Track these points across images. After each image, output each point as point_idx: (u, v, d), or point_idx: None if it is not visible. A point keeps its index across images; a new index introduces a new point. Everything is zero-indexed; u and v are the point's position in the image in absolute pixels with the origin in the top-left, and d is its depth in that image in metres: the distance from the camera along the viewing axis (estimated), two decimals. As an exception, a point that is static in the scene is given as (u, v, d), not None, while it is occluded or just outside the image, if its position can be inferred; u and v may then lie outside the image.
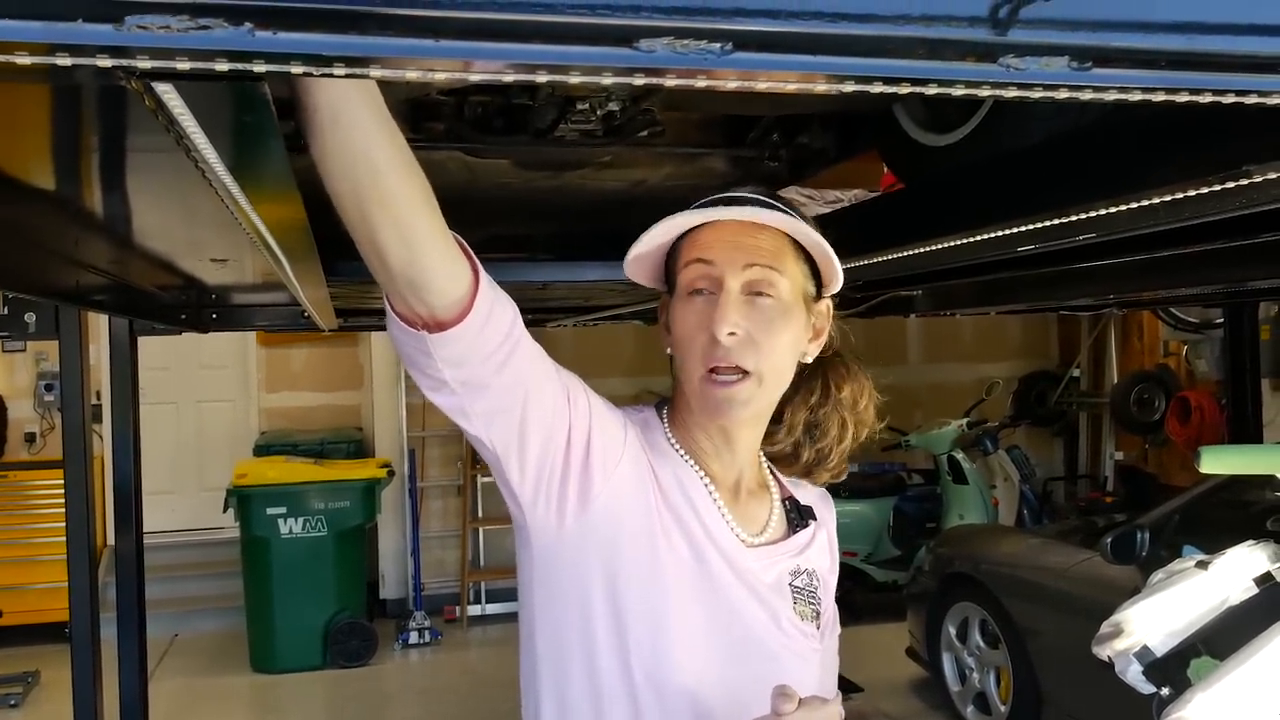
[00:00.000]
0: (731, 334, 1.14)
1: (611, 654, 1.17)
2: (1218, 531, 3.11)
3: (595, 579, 1.17)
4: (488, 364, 1.04)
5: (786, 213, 1.16)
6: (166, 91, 0.62)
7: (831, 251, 1.18)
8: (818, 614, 1.27)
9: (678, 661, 1.16)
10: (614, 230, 3.22)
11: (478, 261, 1.03)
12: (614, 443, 1.18)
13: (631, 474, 1.18)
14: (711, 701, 1.16)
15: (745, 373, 1.15)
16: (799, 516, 1.30)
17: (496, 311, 1.04)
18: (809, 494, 1.36)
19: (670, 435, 1.26)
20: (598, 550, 1.17)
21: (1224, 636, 1.97)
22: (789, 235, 1.18)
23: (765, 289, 1.16)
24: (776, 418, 1.28)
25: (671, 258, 1.25)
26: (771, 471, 1.33)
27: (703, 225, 1.20)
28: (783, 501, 1.31)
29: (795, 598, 1.24)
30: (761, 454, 1.32)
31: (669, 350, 1.25)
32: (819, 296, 1.24)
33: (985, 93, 0.62)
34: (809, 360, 1.26)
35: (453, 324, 1.00)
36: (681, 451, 1.25)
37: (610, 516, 1.16)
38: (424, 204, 0.97)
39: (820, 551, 1.32)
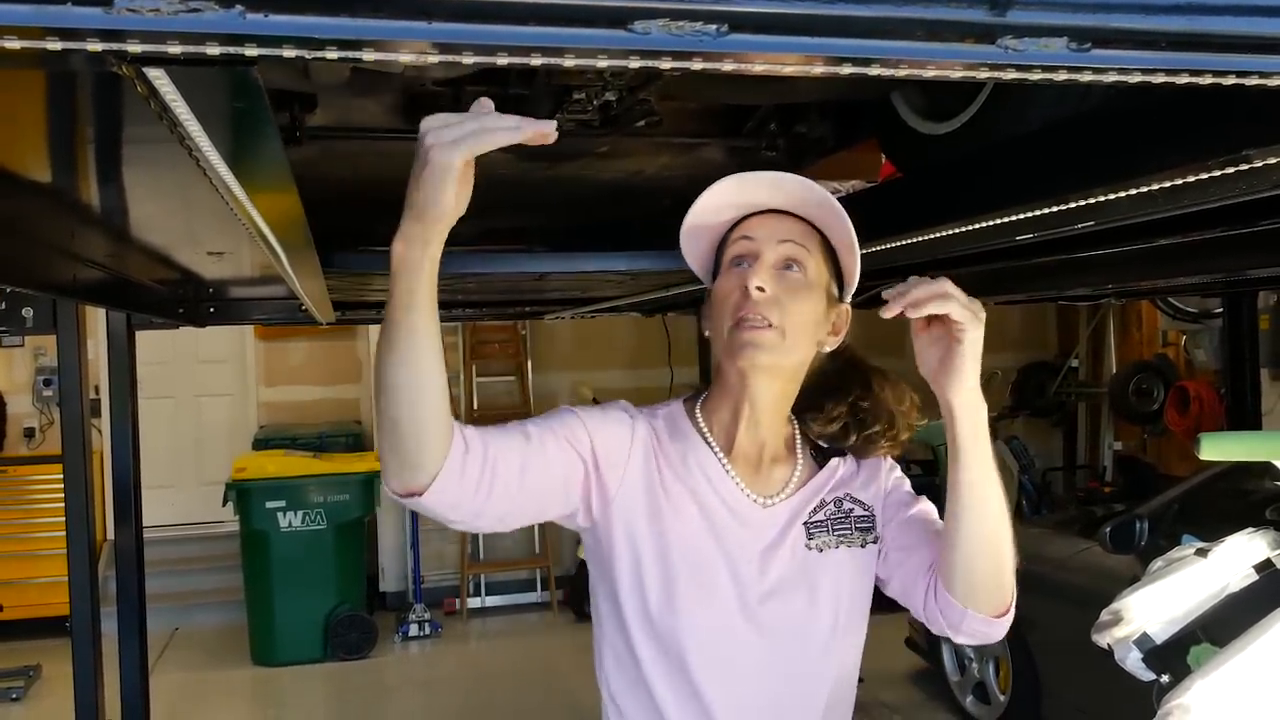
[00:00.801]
0: (760, 289, 1.29)
1: (637, 613, 1.33)
2: (1216, 521, 3.11)
3: (622, 550, 1.34)
4: (475, 500, 1.21)
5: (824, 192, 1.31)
6: (158, 77, 0.62)
7: (857, 248, 1.35)
8: (859, 530, 1.39)
9: (690, 613, 1.31)
10: (611, 221, 3.23)
11: (459, 440, 1.20)
12: (619, 449, 1.34)
13: (639, 467, 1.34)
14: (731, 647, 1.32)
15: (770, 324, 1.29)
16: (822, 456, 1.43)
17: (467, 474, 1.19)
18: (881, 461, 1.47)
19: (699, 418, 1.41)
20: (621, 529, 1.34)
21: (1224, 624, 1.97)
22: (821, 234, 1.35)
23: (795, 264, 1.32)
24: (818, 408, 1.42)
25: (720, 250, 1.40)
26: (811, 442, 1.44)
27: (748, 216, 1.37)
28: (810, 453, 1.43)
29: (811, 533, 1.36)
30: (796, 424, 1.44)
31: (708, 333, 1.40)
32: (840, 299, 1.39)
33: (984, 74, 0.61)
34: (826, 350, 1.38)
35: (429, 487, 1.17)
36: (705, 431, 1.40)
37: (626, 505, 1.33)
38: (434, 401, 1.19)
39: (847, 479, 1.42)
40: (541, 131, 0.98)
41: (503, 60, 0.55)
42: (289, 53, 0.52)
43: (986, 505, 1.26)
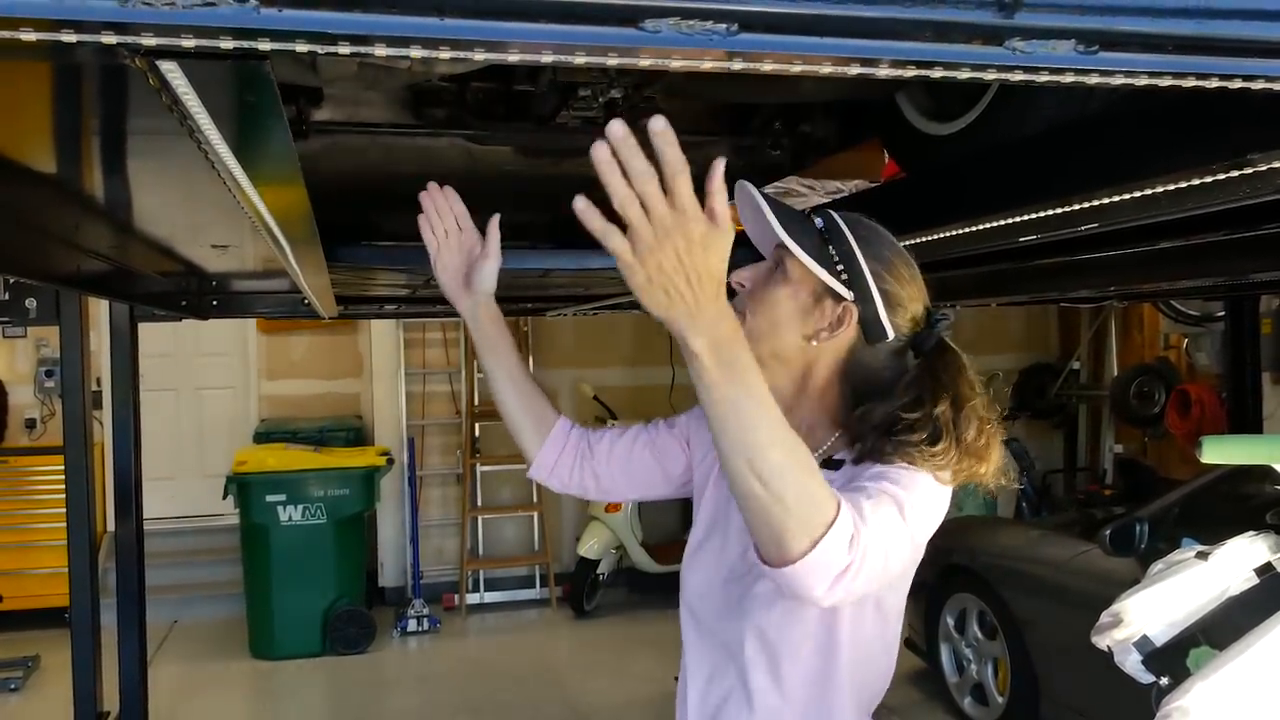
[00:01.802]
0: (740, 284, 1.49)
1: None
2: (1217, 524, 3.11)
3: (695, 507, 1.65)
4: (573, 478, 1.73)
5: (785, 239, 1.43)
6: (170, 70, 0.62)
7: (805, 257, 1.42)
8: None
9: (688, 586, 1.58)
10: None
11: (557, 425, 1.73)
12: (707, 441, 1.52)
13: (698, 450, 1.67)
14: (707, 607, 1.53)
15: (742, 314, 1.42)
16: (826, 468, 1.44)
17: (565, 452, 1.72)
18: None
19: None
20: (695, 505, 1.64)
21: (1224, 626, 1.97)
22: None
23: (780, 264, 1.47)
24: (851, 408, 1.45)
25: None
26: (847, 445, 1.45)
27: None
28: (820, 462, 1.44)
29: None
30: (825, 435, 1.48)
31: None
32: (840, 298, 1.43)
33: (991, 76, 0.61)
34: (817, 344, 1.44)
35: (531, 468, 1.76)
36: None
37: (698, 488, 1.65)
38: (518, 410, 1.75)
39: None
40: None
41: (514, 57, 0.55)
42: (302, 47, 0.52)
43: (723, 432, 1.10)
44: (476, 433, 7.48)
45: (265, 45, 0.53)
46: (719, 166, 1.07)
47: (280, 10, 0.50)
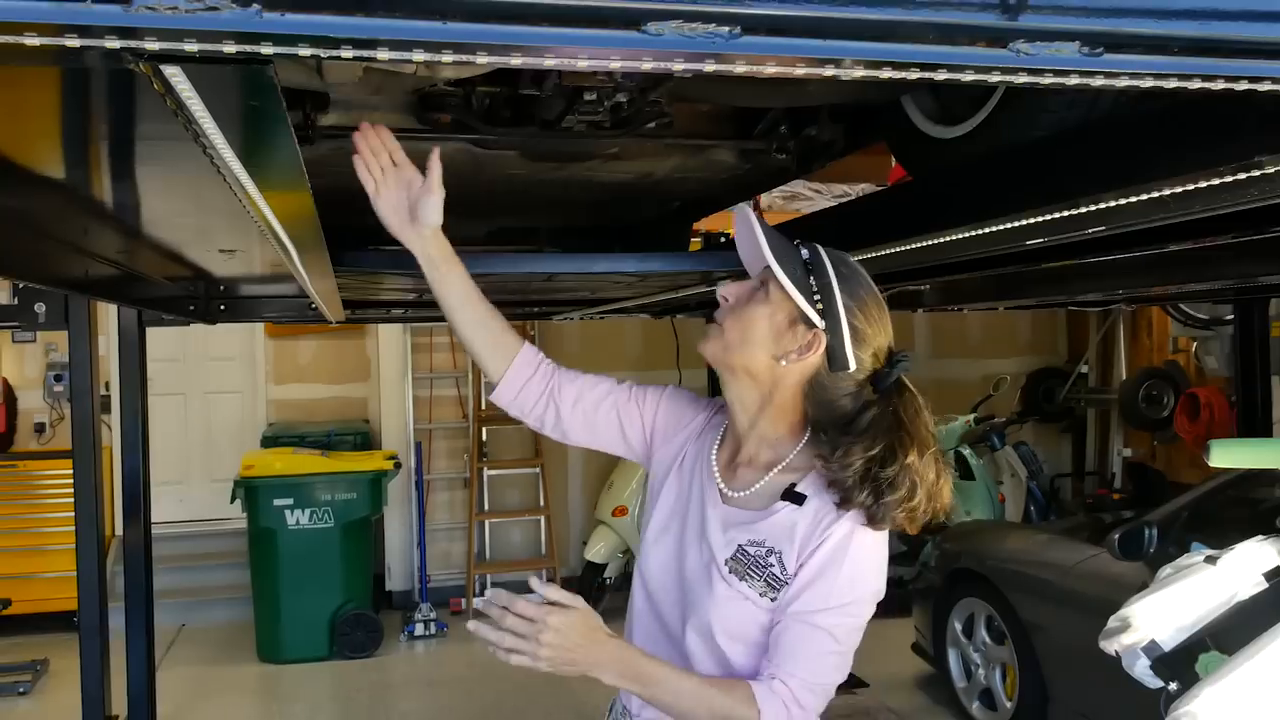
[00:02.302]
0: (724, 298, 1.63)
1: (645, 528, 1.75)
2: (1226, 528, 3.10)
3: (654, 487, 1.76)
4: (535, 410, 1.77)
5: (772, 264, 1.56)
6: (175, 74, 0.62)
7: (789, 285, 1.54)
8: (768, 583, 1.55)
9: (646, 559, 1.71)
10: (621, 222, 3.23)
11: (522, 353, 1.76)
12: (674, 424, 1.77)
13: (680, 441, 1.75)
14: (655, 595, 1.68)
15: (718, 324, 1.63)
16: (785, 499, 1.58)
17: (533, 383, 1.75)
18: (838, 521, 1.53)
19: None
20: (654, 483, 1.75)
21: (1232, 631, 1.96)
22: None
23: (764, 285, 1.60)
24: (832, 448, 1.54)
25: None
26: (822, 477, 1.56)
27: None
28: (786, 487, 1.59)
29: (738, 556, 1.57)
30: (800, 458, 1.61)
31: None
32: (812, 326, 1.55)
33: (995, 78, 0.61)
34: (785, 365, 1.56)
35: (495, 390, 1.78)
36: (722, 427, 1.72)
37: (660, 463, 1.76)
38: (480, 328, 1.75)
39: (784, 533, 1.55)
40: None
41: (516, 60, 0.55)
42: (304, 51, 0.52)
43: None
44: (484, 437, 7.48)
45: (268, 49, 0.53)
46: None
47: (283, 14, 0.50)
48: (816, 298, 1.54)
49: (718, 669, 1.58)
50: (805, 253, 1.58)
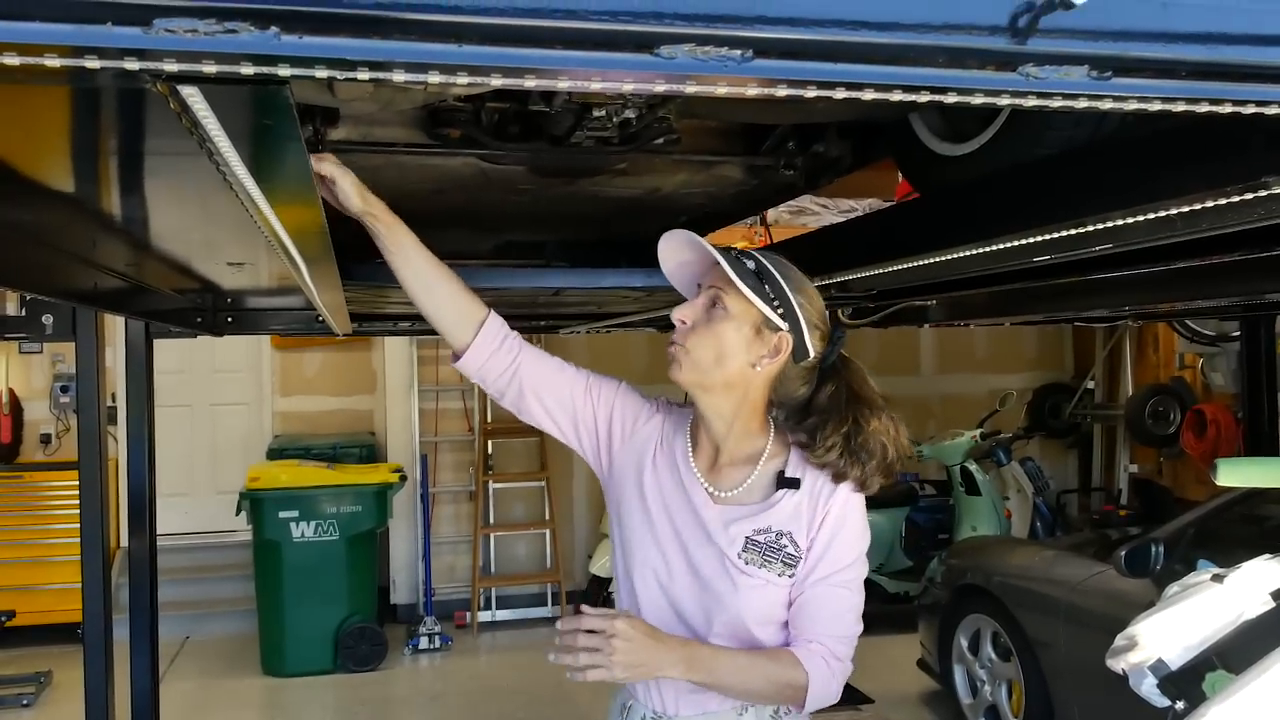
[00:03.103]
0: (682, 321, 1.68)
1: (617, 553, 1.79)
2: (1232, 546, 3.09)
3: (614, 503, 1.79)
4: (498, 383, 1.75)
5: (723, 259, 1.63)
6: (191, 94, 0.63)
7: (746, 289, 1.60)
8: (785, 563, 1.65)
9: (643, 570, 1.72)
10: (628, 237, 3.23)
11: (489, 324, 1.74)
12: (631, 422, 1.78)
13: (641, 443, 1.77)
14: (663, 601, 1.70)
15: (682, 347, 1.67)
16: (780, 485, 1.68)
17: (498, 355, 1.73)
18: (835, 491, 1.68)
19: (692, 421, 1.77)
20: (617, 486, 1.78)
21: (1239, 650, 1.95)
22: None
23: (718, 302, 1.66)
24: (813, 435, 1.68)
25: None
26: (805, 459, 1.69)
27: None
28: (776, 475, 1.70)
29: (749, 546, 1.65)
30: (777, 447, 1.72)
31: None
32: (777, 329, 1.64)
33: (1005, 101, 0.62)
34: (759, 369, 1.66)
35: (460, 358, 1.75)
36: (688, 432, 1.77)
37: (622, 467, 1.77)
38: (439, 294, 1.72)
39: (790, 516, 1.66)
40: None
41: (531, 83, 0.55)
42: (321, 73, 0.53)
43: None
44: (489, 450, 7.48)
45: (285, 71, 0.53)
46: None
47: (300, 37, 0.50)
48: (775, 303, 1.63)
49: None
50: (750, 263, 1.65)
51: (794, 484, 1.67)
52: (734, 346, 1.65)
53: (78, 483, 3.51)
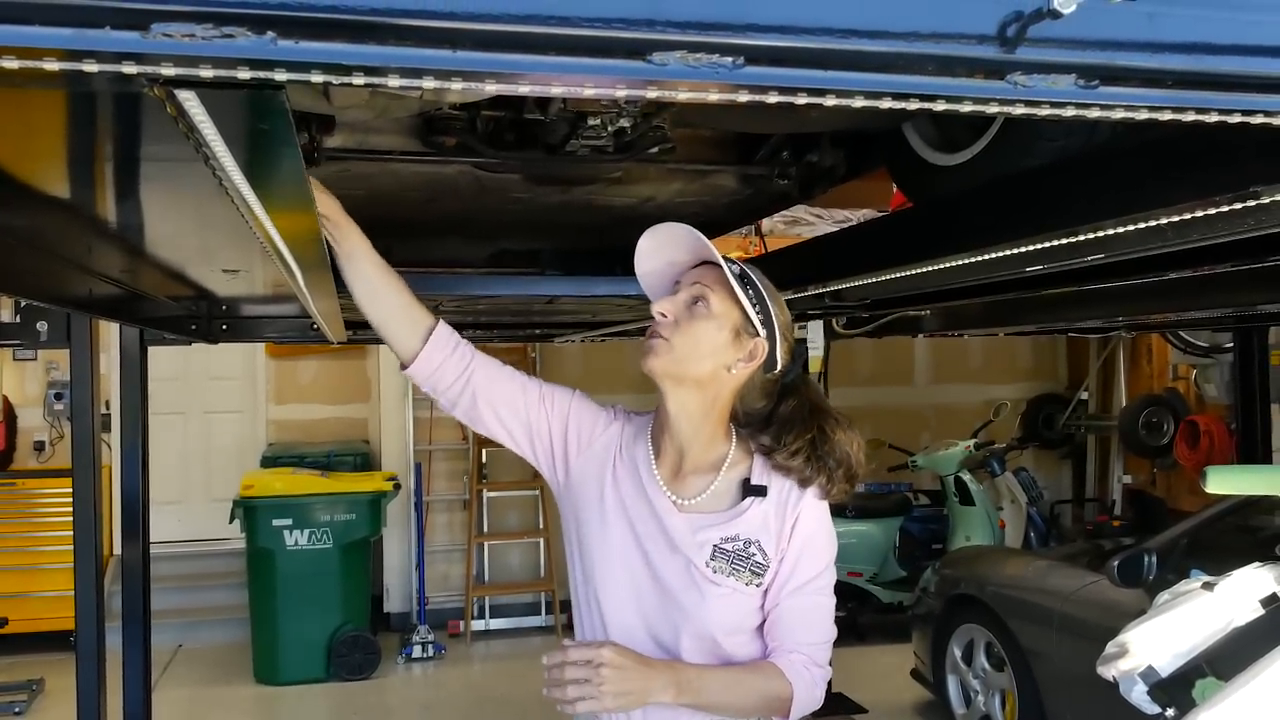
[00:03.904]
0: (663, 314, 1.66)
1: (576, 569, 1.76)
2: (1225, 556, 3.09)
3: (571, 517, 1.76)
4: (450, 392, 1.71)
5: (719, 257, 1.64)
6: (188, 99, 0.63)
7: (738, 290, 1.61)
8: (753, 572, 1.64)
9: (605, 584, 1.69)
10: (622, 246, 3.24)
11: (438, 331, 1.69)
12: (588, 431, 1.75)
13: (600, 452, 1.74)
14: (628, 614, 1.67)
15: (664, 339, 1.65)
16: (746, 493, 1.67)
17: (449, 363, 1.69)
18: (803, 497, 1.67)
19: (653, 428, 1.75)
20: (575, 498, 1.75)
21: (1229, 657, 1.96)
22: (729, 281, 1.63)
23: (701, 299, 1.65)
24: (779, 441, 1.68)
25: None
26: (770, 466, 1.69)
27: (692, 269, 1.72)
28: (740, 482, 1.68)
29: (716, 554, 1.63)
30: (740, 454, 1.71)
31: None
32: (756, 334, 1.65)
33: (993, 109, 0.62)
34: (733, 373, 1.65)
35: (410, 366, 1.70)
36: (649, 439, 1.74)
37: (581, 478, 1.74)
38: (389, 302, 1.69)
39: (758, 524, 1.65)
40: None
41: (524, 88, 0.56)
42: (317, 78, 0.54)
43: None
44: (484, 459, 7.47)
45: (281, 75, 0.54)
46: None
47: (297, 42, 0.51)
48: (757, 308, 1.65)
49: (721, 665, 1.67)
50: (735, 267, 1.66)
51: (760, 491, 1.66)
52: (712, 346, 1.64)
53: (71, 490, 3.50)
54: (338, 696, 6.13)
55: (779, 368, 1.69)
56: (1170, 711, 1.97)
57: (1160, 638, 2.02)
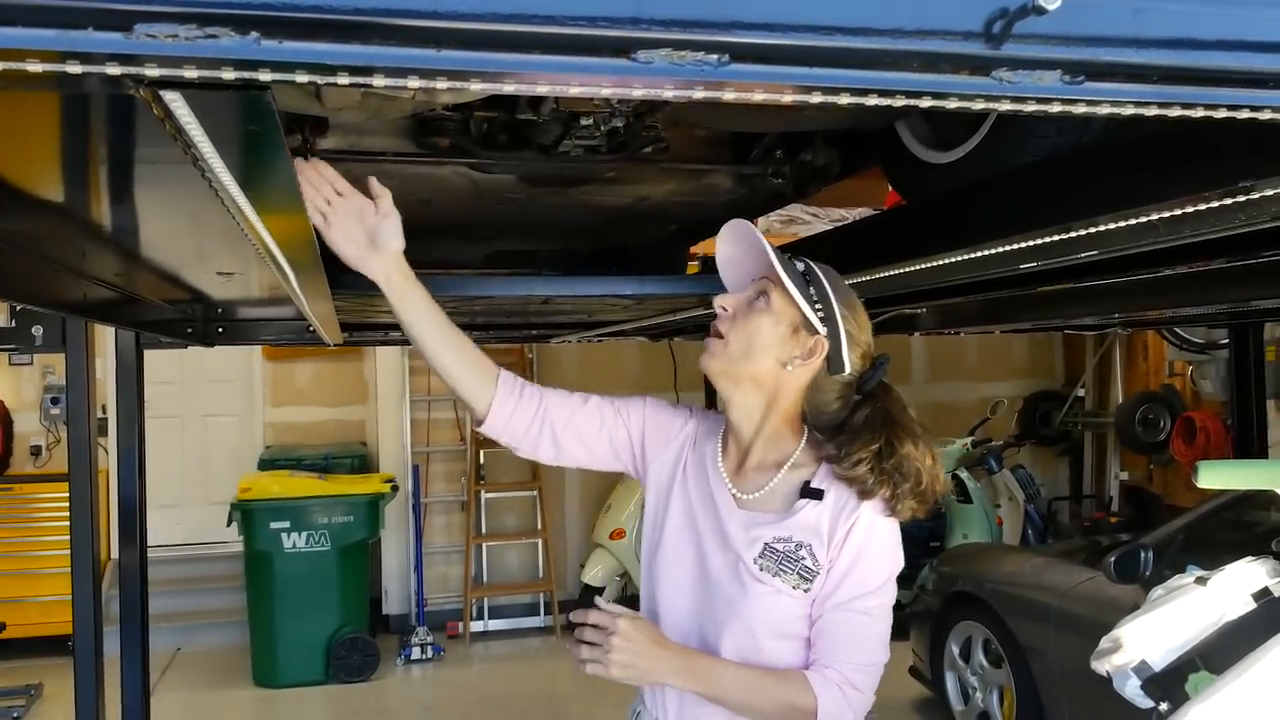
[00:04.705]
0: (723, 308, 1.69)
1: (645, 552, 1.80)
2: (1221, 551, 3.09)
3: (649, 509, 1.80)
4: (529, 436, 1.73)
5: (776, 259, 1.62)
6: (174, 100, 0.63)
7: (794, 291, 1.61)
8: (801, 576, 1.61)
9: (661, 571, 1.73)
10: (617, 246, 3.24)
11: (503, 376, 1.72)
12: (664, 434, 1.80)
13: (675, 449, 1.79)
14: (680, 602, 1.70)
15: (720, 335, 1.67)
16: (803, 495, 1.64)
17: (521, 407, 1.72)
18: (860, 509, 1.62)
19: (725, 425, 1.77)
20: (652, 492, 1.79)
21: (1221, 651, 1.96)
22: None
23: (762, 295, 1.66)
24: (843, 449, 1.64)
25: None
26: (833, 474, 1.65)
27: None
28: (801, 484, 1.66)
29: (766, 552, 1.62)
30: (806, 457, 1.68)
31: None
32: (815, 332, 1.63)
33: (979, 106, 0.62)
34: (790, 370, 1.64)
35: (484, 420, 1.73)
36: (720, 435, 1.77)
37: (658, 475, 1.79)
38: (458, 353, 1.70)
39: (811, 528, 1.62)
40: None
41: (509, 87, 0.56)
42: (302, 78, 0.54)
43: None
44: (481, 459, 7.47)
45: (266, 76, 0.54)
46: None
47: (280, 42, 0.51)
48: (817, 305, 1.62)
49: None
50: (800, 265, 1.66)
51: (817, 494, 1.63)
52: (767, 340, 1.64)
53: (68, 494, 3.50)
54: (337, 699, 6.13)
55: (848, 370, 1.65)
56: (1163, 705, 1.98)
57: (1153, 632, 2.03)
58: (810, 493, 1.64)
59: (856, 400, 1.69)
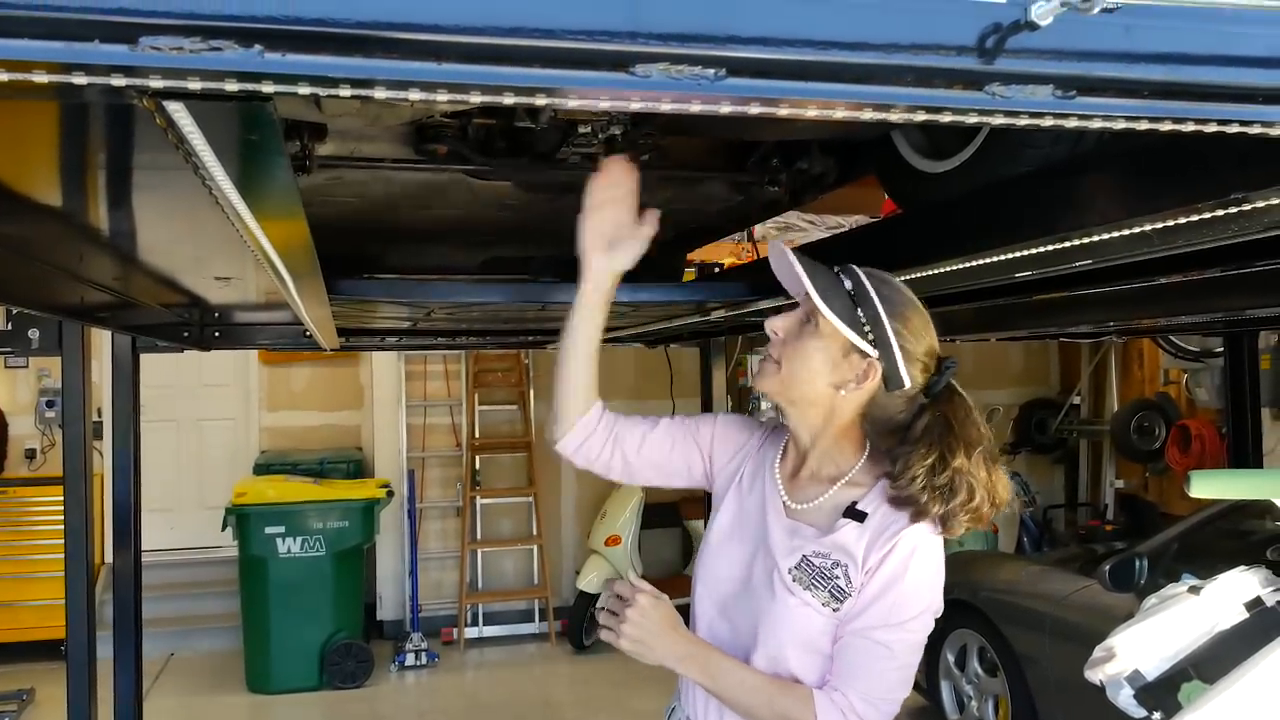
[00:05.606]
0: (775, 332, 1.67)
1: (697, 559, 1.82)
2: (1216, 560, 3.10)
3: (716, 503, 1.81)
4: (601, 458, 1.79)
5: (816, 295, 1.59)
6: (177, 110, 0.64)
7: (831, 315, 1.57)
8: (832, 594, 1.57)
9: (704, 569, 1.75)
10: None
11: (595, 413, 1.78)
12: (734, 446, 1.82)
13: (736, 463, 1.80)
14: (716, 601, 1.71)
15: (773, 359, 1.67)
16: (847, 516, 1.61)
17: (593, 438, 1.78)
18: (899, 537, 1.57)
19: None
20: (715, 502, 1.80)
21: (1214, 661, 1.97)
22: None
23: (811, 317, 1.62)
24: (899, 465, 1.59)
25: None
26: (885, 496, 1.60)
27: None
28: (849, 504, 1.63)
29: (802, 564, 1.60)
30: (866, 473, 1.65)
31: None
32: (866, 355, 1.59)
33: (972, 119, 0.63)
34: (844, 394, 1.61)
35: (560, 440, 1.79)
36: (784, 444, 1.77)
37: (719, 487, 1.81)
38: (580, 384, 1.76)
39: (849, 551, 1.58)
40: None
41: (509, 100, 0.57)
42: (304, 90, 0.54)
43: None
44: (477, 465, 7.48)
45: (269, 88, 0.54)
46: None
47: (284, 55, 0.51)
48: (866, 329, 1.57)
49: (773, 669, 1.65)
50: (848, 283, 1.60)
51: (860, 516, 1.59)
52: (818, 366, 1.61)
53: (62, 498, 3.50)
54: (331, 705, 6.12)
55: (907, 385, 1.59)
56: (1156, 715, 1.98)
57: (1146, 641, 2.03)
58: (853, 514, 1.60)
59: (922, 404, 1.63)
